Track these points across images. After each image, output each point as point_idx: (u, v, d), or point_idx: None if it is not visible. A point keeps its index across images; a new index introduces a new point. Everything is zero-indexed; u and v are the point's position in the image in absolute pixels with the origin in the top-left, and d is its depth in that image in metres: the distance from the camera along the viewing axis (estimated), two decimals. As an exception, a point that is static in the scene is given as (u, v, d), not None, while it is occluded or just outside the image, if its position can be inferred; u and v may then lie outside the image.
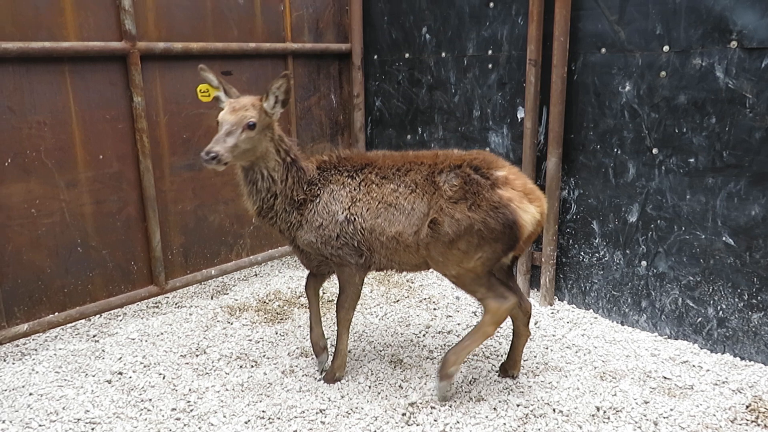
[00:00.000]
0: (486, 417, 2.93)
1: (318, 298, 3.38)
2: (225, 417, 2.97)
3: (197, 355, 3.58)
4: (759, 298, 3.33)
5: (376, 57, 5.06)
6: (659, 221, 3.66)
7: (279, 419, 2.94)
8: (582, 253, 4.08)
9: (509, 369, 3.27)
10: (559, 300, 4.27)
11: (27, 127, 3.51)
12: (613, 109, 3.75)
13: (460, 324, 3.93)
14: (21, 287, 3.61)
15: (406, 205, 2.89)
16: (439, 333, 3.82)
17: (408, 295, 4.41)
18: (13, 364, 3.50)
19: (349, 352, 3.55)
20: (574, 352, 3.56)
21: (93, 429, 2.90)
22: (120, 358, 3.55)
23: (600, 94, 3.79)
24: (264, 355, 3.57)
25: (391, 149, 4.85)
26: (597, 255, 4.00)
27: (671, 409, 2.97)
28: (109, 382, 3.30)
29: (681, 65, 3.43)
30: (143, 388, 3.24)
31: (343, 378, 3.29)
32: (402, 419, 2.92)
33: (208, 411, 3.02)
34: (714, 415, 2.92)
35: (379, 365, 3.45)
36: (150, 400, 3.12)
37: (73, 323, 3.93)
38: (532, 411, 2.98)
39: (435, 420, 2.91)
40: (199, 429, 2.88)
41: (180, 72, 4.13)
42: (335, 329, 3.40)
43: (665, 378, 3.26)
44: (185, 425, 2.91)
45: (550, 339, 3.72)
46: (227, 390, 3.20)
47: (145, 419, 2.97)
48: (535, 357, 3.50)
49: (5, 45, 3.31)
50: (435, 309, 4.18)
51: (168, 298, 4.40)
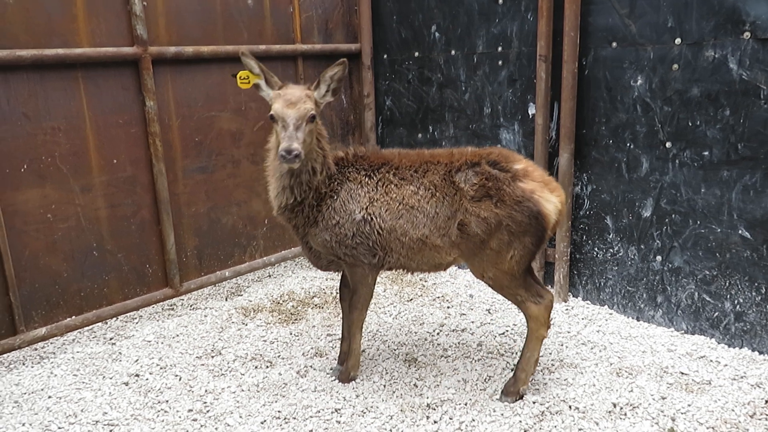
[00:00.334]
0: (502, 414, 2.93)
1: None
2: (241, 417, 2.98)
3: (213, 357, 3.60)
4: (777, 291, 3.29)
5: (385, 56, 5.06)
6: (674, 215, 3.63)
7: (295, 419, 2.95)
8: (596, 249, 4.05)
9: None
10: (574, 296, 4.24)
11: (42, 133, 3.55)
12: (626, 104, 3.72)
13: (474, 322, 3.92)
14: (38, 291, 3.66)
15: (428, 209, 2.87)
16: (453, 331, 3.82)
17: (421, 294, 4.41)
18: (32, 367, 3.55)
19: (363, 351, 3.56)
20: (589, 348, 3.54)
21: (111, 431, 2.93)
22: (137, 360, 3.58)
23: (612, 88, 3.76)
24: (279, 356, 3.59)
25: (403, 148, 4.87)
26: (611, 250, 3.97)
27: (689, 405, 2.94)
28: (127, 384, 3.33)
29: (693, 58, 3.39)
30: (160, 389, 3.27)
31: (358, 377, 3.29)
32: (417, 417, 2.92)
33: (224, 412, 3.04)
34: (733, 410, 2.89)
35: (394, 364, 3.45)
36: (167, 401, 3.15)
37: (90, 326, 3.98)
38: (548, 408, 2.97)
39: (450, 418, 2.91)
40: (216, 430, 2.90)
41: (191, 75, 4.16)
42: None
43: (682, 373, 3.22)
44: (202, 426, 2.93)
45: (565, 336, 3.70)
46: (243, 391, 3.22)
47: (163, 420, 2.99)
48: (551, 354, 3.48)
49: (20, 53, 3.35)
50: (449, 307, 4.17)
51: (183, 300, 4.43)
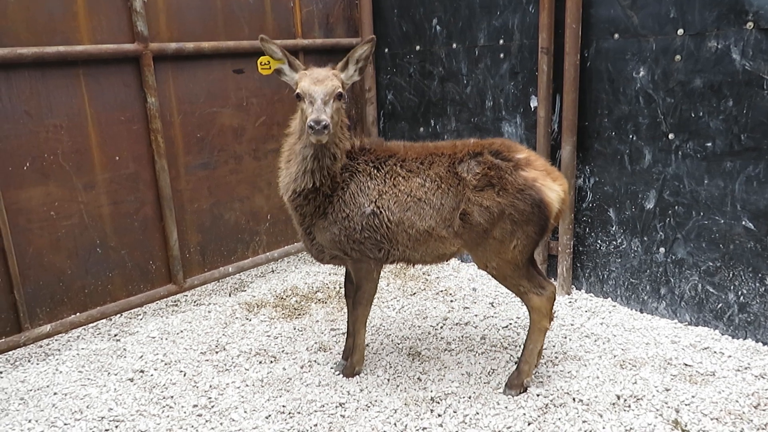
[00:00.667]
0: (506, 407, 2.93)
1: None
2: (246, 412, 3.00)
3: (217, 352, 3.61)
4: (781, 282, 3.28)
5: (387, 50, 5.04)
6: (677, 207, 3.62)
7: (299, 413, 2.96)
8: (599, 242, 4.04)
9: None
10: (577, 289, 4.24)
11: (44, 131, 3.55)
12: (628, 95, 3.70)
13: (477, 315, 3.93)
14: (43, 289, 3.67)
15: (434, 200, 2.88)
16: (457, 325, 3.82)
17: (424, 288, 4.41)
18: (38, 364, 3.56)
19: (367, 345, 3.56)
20: (593, 340, 3.54)
21: (117, 427, 2.95)
22: (141, 356, 3.60)
23: (614, 80, 3.75)
24: (283, 351, 3.60)
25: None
26: (614, 243, 3.96)
27: (693, 396, 2.94)
28: (132, 380, 3.35)
29: (696, 48, 3.37)
30: (165, 385, 3.28)
31: (362, 372, 3.30)
32: (421, 411, 2.93)
33: (229, 407, 3.05)
34: (737, 402, 2.89)
35: (398, 358, 3.46)
36: (172, 397, 3.16)
37: (95, 323, 3.99)
38: (552, 401, 2.97)
39: (455, 411, 2.92)
40: (221, 425, 2.91)
41: (192, 72, 4.16)
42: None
43: (686, 365, 3.22)
44: (207, 421, 2.95)
45: (568, 328, 3.70)
46: (247, 386, 3.23)
47: (168, 416, 3.01)
48: (554, 346, 3.49)
49: (21, 50, 3.35)
50: (452, 301, 4.17)
51: (187, 296, 4.44)
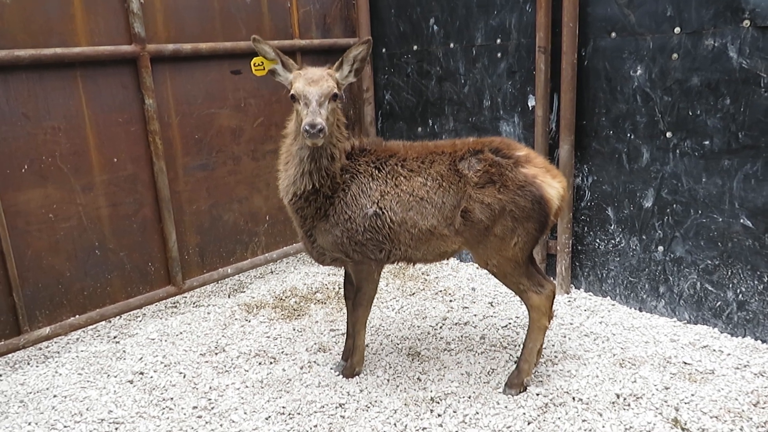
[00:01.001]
0: (505, 407, 2.93)
1: None
2: (246, 414, 3.00)
3: (216, 354, 3.61)
4: (779, 280, 3.29)
5: (384, 50, 5.04)
6: (675, 205, 3.62)
7: (299, 414, 2.97)
8: (597, 240, 4.05)
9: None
10: (576, 288, 4.24)
11: (42, 133, 3.55)
12: (625, 94, 3.71)
13: (476, 315, 3.93)
14: (42, 291, 3.67)
15: (436, 199, 2.88)
16: (456, 324, 3.82)
17: (423, 288, 4.41)
18: (37, 366, 3.56)
19: (367, 345, 3.56)
20: (592, 339, 3.55)
21: (117, 429, 2.94)
22: (141, 358, 3.60)
23: (611, 79, 3.75)
24: (282, 352, 3.60)
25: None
26: (613, 241, 3.97)
27: (692, 395, 2.94)
28: (131, 382, 3.35)
29: (693, 47, 3.38)
30: (164, 387, 3.28)
31: (362, 372, 3.30)
32: (421, 411, 2.93)
33: (228, 408, 3.05)
34: (736, 400, 2.89)
35: (397, 358, 3.46)
36: (171, 399, 3.16)
37: (94, 325, 3.99)
38: (551, 400, 2.97)
39: (454, 411, 2.92)
40: (221, 426, 2.91)
41: (190, 73, 4.16)
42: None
43: (685, 363, 3.23)
44: (207, 423, 2.95)
45: (567, 327, 3.70)
46: (247, 387, 3.23)
47: (168, 418, 3.00)
48: (554, 346, 3.49)
49: (18, 53, 3.35)
50: (451, 301, 4.17)
51: (186, 297, 4.44)
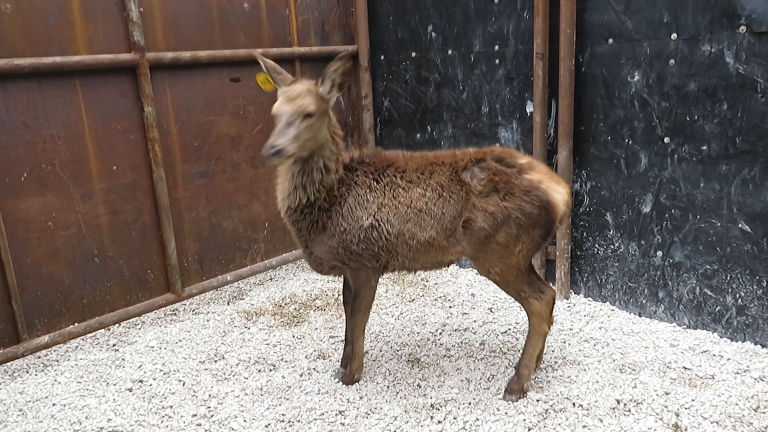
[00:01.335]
0: (506, 413, 2.93)
1: None
2: (245, 421, 2.99)
3: (216, 361, 3.61)
4: (778, 284, 3.29)
5: (382, 57, 5.06)
6: (673, 210, 3.63)
7: (299, 422, 2.96)
8: (596, 246, 4.05)
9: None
10: (575, 293, 4.24)
11: (41, 141, 3.56)
12: (623, 100, 3.72)
13: (476, 321, 3.92)
14: (41, 299, 3.67)
15: (436, 210, 2.87)
16: (456, 331, 3.82)
17: (423, 294, 4.41)
18: (36, 375, 3.55)
19: (366, 352, 3.56)
20: (592, 345, 3.54)
21: (116, 437, 2.94)
22: (140, 366, 3.59)
23: (609, 84, 3.76)
24: (282, 359, 3.59)
25: (402, 149, 4.87)
26: (612, 247, 3.97)
27: (692, 400, 2.94)
28: (130, 390, 3.34)
29: (690, 52, 3.39)
30: (164, 395, 3.27)
31: (361, 379, 3.29)
32: (421, 418, 2.92)
33: (228, 416, 3.04)
34: (736, 404, 2.89)
35: (397, 365, 3.45)
36: (171, 406, 3.15)
37: (93, 333, 3.98)
38: (552, 406, 2.97)
39: (455, 418, 2.91)
40: (221, 434, 2.91)
41: (189, 81, 4.17)
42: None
43: (685, 368, 3.23)
44: (206, 431, 2.94)
45: (567, 333, 3.70)
46: (246, 394, 3.23)
47: (167, 426, 3.00)
48: (553, 351, 3.49)
49: (17, 61, 3.36)
50: (450, 307, 4.17)
51: (185, 305, 4.43)
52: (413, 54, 4.83)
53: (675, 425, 2.76)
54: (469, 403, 3.03)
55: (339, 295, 4.44)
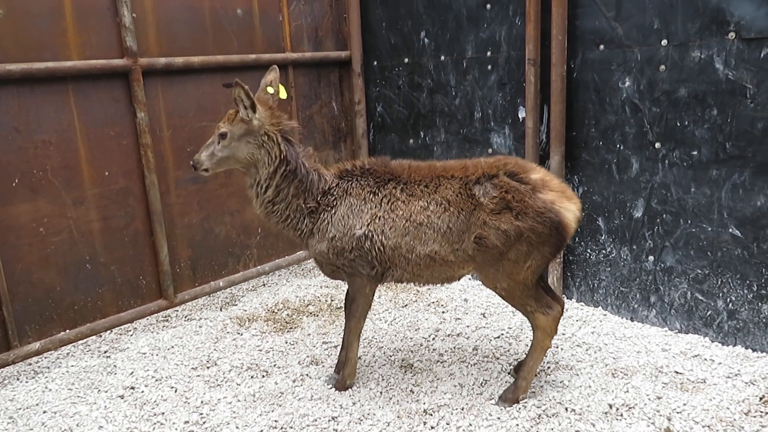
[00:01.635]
0: (498, 418, 2.93)
1: None
2: (238, 428, 2.98)
3: (208, 367, 3.59)
4: (769, 288, 3.31)
5: (375, 63, 5.08)
6: (665, 215, 3.65)
7: (292, 428, 2.95)
8: (588, 251, 4.07)
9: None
10: (568, 298, 4.26)
11: (33, 147, 3.55)
12: (614, 105, 3.74)
13: (469, 326, 3.93)
14: (32, 306, 3.65)
15: (440, 224, 2.84)
16: (449, 336, 3.82)
17: (416, 299, 4.41)
18: (27, 382, 3.53)
19: (360, 358, 3.55)
20: (584, 350, 3.55)
21: (107, 444, 2.92)
22: (132, 372, 3.57)
23: (600, 90, 3.79)
24: (275, 365, 3.58)
25: (394, 154, 4.89)
26: (604, 251, 3.99)
27: (684, 404, 2.95)
28: (122, 397, 3.32)
29: (680, 58, 3.42)
30: (156, 401, 3.25)
31: (354, 385, 3.29)
32: (414, 423, 2.92)
33: (220, 423, 3.03)
34: (728, 408, 2.90)
35: (390, 370, 3.45)
36: (163, 413, 3.14)
37: (85, 340, 3.96)
38: (544, 411, 2.97)
39: (448, 423, 2.91)
40: (213, 440, 2.89)
41: (182, 86, 4.17)
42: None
43: (677, 373, 3.24)
44: (199, 437, 2.93)
45: (560, 338, 3.70)
46: (239, 401, 3.22)
47: (159, 432, 2.98)
48: (546, 356, 3.49)
49: (9, 67, 3.36)
50: (443, 312, 4.17)
51: (177, 311, 4.42)
52: (406, 60, 4.84)
53: (667, 429, 2.77)
54: (462, 408, 3.03)
55: (332, 301, 4.44)
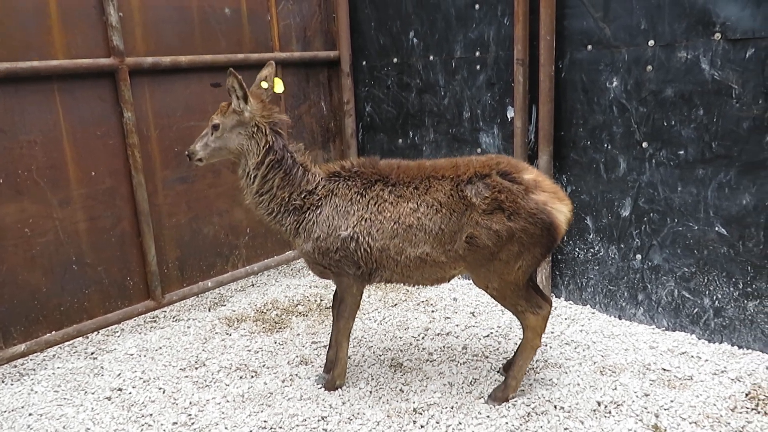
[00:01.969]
0: (488, 417, 2.94)
1: None
2: (227, 429, 2.96)
3: (197, 368, 3.57)
4: (754, 286, 3.34)
5: (364, 63, 5.07)
6: (652, 214, 3.68)
7: (281, 428, 2.94)
8: (577, 249, 4.09)
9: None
10: (556, 297, 4.28)
11: (18, 147, 3.51)
12: (602, 105, 3.77)
13: (458, 325, 3.94)
14: (17, 307, 3.60)
15: (431, 226, 2.83)
16: (438, 335, 3.83)
17: (405, 299, 4.41)
18: (12, 385, 3.49)
19: (349, 357, 3.55)
20: (573, 348, 3.57)
21: (95, 446, 2.89)
22: (119, 374, 3.54)
23: (588, 90, 3.81)
24: (264, 365, 3.57)
25: (383, 154, 4.89)
26: (592, 250, 4.01)
27: (671, 401, 2.97)
28: (109, 398, 3.29)
29: (667, 59, 3.45)
30: (143, 403, 3.23)
31: (344, 384, 3.28)
32: (404, 422, 2.92)
33: (209, 423, 3.01)
34: (714, 405, 2.93)
35: (379, 370, 3.45)
36: (151, 415, 3.11)
37: (71, 341, 3.92)
38: (533, 409, 2.98)
39: (437, 422, 2.91)
40: (202, 441, 2.88)
41: (169, 86, 4.14)
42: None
43: (664, 370, 3.26)
44: (187, 438, 2.91)
45: (548, 336, 3.72)
46: (228, 401, 3.20)
47: (147, 434, 2.96)
48: (535, 355, 3.50)
49: (-7, 66, 3.32)
50: (433, 311, 4.18)
51: (165, 312, 4.39)
52: (395, 60, 4.84)
53: (654, 426, 2.79)
54: (452, 407, 3.03)
55: (321, 301, 4.43)
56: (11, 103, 3.45)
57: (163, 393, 3.31)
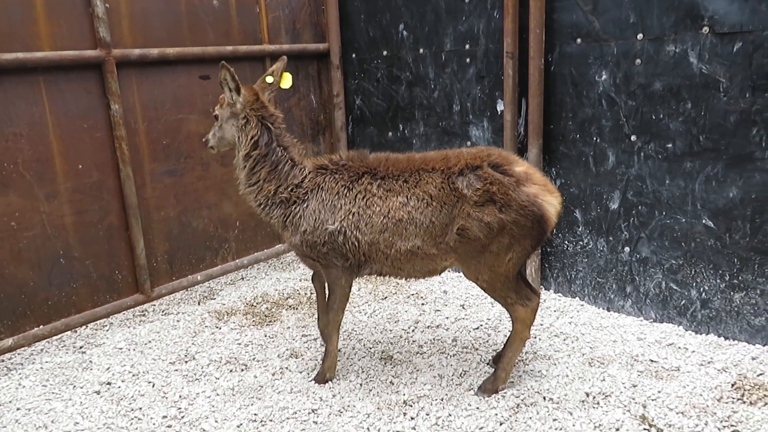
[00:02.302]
0: (477, 408, 2.95)
1: (324, 289, 3.35)
2: (217, 422, 2.96)
3: (186, 362, 3.56)
4: (740, 278, 3.38)
5: (354, 56, 5.06)
6: (640, 207, 3.70)
7: (271, 421, 2.94)
8: (566, 242, 4.11)
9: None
10: (546, 289, 4.30)
11: (3, 140, 3.47)
12: (591, 99, 3.78)
13: (448, 318, 3.95)
14: (4, 302, 3.57)
15: (422, 219, 2.82)
16: (428, 328, 3.84)
17: (396, 292, 4.42)
18: None
19: (339, 350, 3.55)
20: (562, 339, 3.60)
21: (84, 440, 2.88)
22: (108, 368, 3.52)
23: (577, 84, 3.82)
24: (254, 358, 3.56)
25: (373, 147, 4.89)
26: (581, 243, 4.03)
27: (659, 392, 3.01)
28: (98, 392, 3.28)
29: (655, 52, 3.47)
30: (133, 397, 3.22)
31: (334, 377, 3.29)
32: (394, 414, 2.93)
33: (199, 417, 3.01)
34: (701, 395, 2.96)
35: (370, 362, 3.45)
36: (140, 408, 3.10)
37: (59, 335, 3.89)
38: (523, 400, 3.00)
39: (427, 414, 2.92)
40: (192, 435, 2.87)
41: (157, 78, 4.11)
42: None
43: (652, 361, 3.30)
44: (177, 432, 2.90)
45: (538, 328, 3.74)
46: (218, 395, 3.19)
47: (137, 428, 2.95)
48: (524, 346, 3.52)
49: (-23, 57, 3.27)
50: (423, 304, 4.19)
51: (154, 305, 4.36)
52: (385, 52, 4.83)
53: (642, 416, 2.82)
54: (442, 399, 3.05)
55: (312, 294, 4.42)
56: (-4, 95, 3.41)
57: (153, 387, 3.30)
